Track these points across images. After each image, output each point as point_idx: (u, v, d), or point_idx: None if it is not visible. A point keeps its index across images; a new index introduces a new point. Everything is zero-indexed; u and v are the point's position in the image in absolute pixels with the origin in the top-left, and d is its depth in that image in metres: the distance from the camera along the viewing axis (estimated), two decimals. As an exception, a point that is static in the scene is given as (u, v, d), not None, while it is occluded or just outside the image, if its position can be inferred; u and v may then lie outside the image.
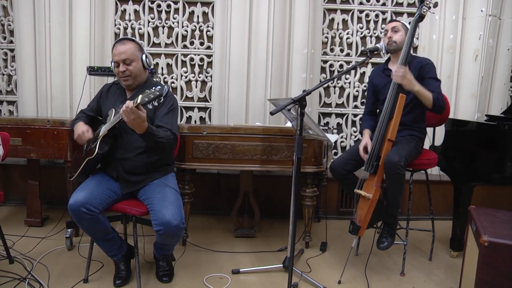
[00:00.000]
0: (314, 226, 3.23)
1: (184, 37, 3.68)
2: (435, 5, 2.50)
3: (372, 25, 3.74)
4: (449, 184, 2.93)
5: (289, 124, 2.87)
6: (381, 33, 3.70)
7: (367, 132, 2.64)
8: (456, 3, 3.61)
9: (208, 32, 3.66)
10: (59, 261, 2.53)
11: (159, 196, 2.12)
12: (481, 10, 3.55)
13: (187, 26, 3.66)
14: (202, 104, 3.74)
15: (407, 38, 2.47)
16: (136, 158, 2.20)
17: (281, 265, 2.51)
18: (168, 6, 3.63)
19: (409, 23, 2.54)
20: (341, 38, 3.75)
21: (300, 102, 1.98)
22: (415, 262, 2.76)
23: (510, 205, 3.56)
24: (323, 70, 3.77)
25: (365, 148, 2.50)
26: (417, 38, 3.74)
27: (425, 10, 2.46)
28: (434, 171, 3.41)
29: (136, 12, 3.65)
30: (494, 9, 3.56)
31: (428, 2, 2.46)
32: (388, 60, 2.72)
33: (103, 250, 2.25)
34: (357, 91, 3.78)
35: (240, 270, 2.48)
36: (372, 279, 2.44)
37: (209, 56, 3.68)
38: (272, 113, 1.97)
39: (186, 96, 3.72)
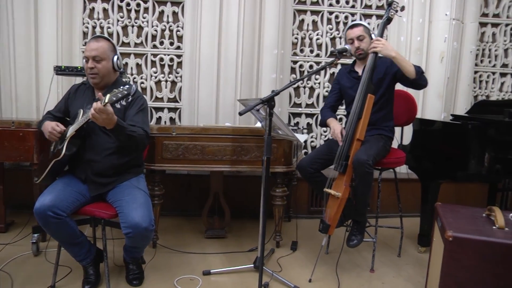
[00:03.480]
0: (285, 226, 3.25)
1: (153, 37, 3.63)
2: (402, 8, 2.57)
3: (341, 26, 3.80)
4: (417, 182, 3.01)
5: (259, 125, 2.88)
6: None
7: (334, 120, 2.67)
8: (422, 7, 3.71)
9: (178, 32, 3.62)
10: (25, 268, 2.44)
11: (128, 198, 2.09)
12: (446, 14, 3.66)
13: (157, 26, 3.61)
14: (172, 105, 3.70)
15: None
16: (105, 160, 2.16)
17: (252, 265, 2.51)
18: (138, 5, 3.58)
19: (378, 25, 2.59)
20: (310, 39, 3.79)
21: (269, 102, 2.00)
22: (385, 258, 2.82)
23: (475, 201, 3.68)
24: (293, 70, 3.80)
25: (341, 132, 2.51)
26: (386, 39, 3.81)
27: (392, 13, 2.52)
28: (403, 170, 3.49)
29: (105, 10, 3.57)
30: (457, 13, 3.67)
31: (395, 6, 2.52)
32: (355, 61, 2.75)
33: (71, 254, 2.20)
34: (326, 91, 3.81)
35: (211, 271, 2.47)
36: (342, 277, 2.47)
37: (179, 56, 3.65)
38: (240, 114, 1.98)
39: (156, 96, 3.67)
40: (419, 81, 2.45)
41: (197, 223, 3.27)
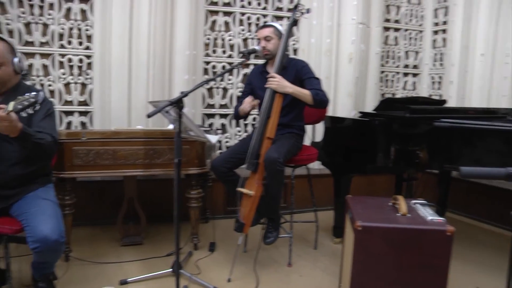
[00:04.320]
0: (202, 227, 3.24)
1: (61, 36, 3.40)
2: (308, 11, 2.66)
3: (253, 27, 3.84)
4: (330, 176, 3.12)
5: (171, 127, 2.83)
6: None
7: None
8: (331, 11, 3.88)
9: (87, 31, 3.43)
10: None
11: (34, 210, 1.93)
12: (353, 18, 3.87)
13: (64, 24, 3.38)
14: (82, 108, 3.50)
15: (282, 42, 2.58)
16: (7, 171, 1.98)
17: (171, 269, 2.46)
18: (42, 0, 3.31)
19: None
20: (223, 40, 3.79)
21: (177, 103, 1.97)
22: (301, 252, 2.91)
23: (384, 191, 3.94)
24: (206, 71, 3.77)
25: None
26: (297, 41, 3.95)
27: (298, 15, 2.62)
28: (316, 166, 3.62)
29: (1, 4, 3.22)
30: (363, 18, 3.91)
31: (301, 8, 2.62)
32: (267, 62, 2.80)
33: (-34, 280, 1.99)
34: (240, 91, 3.79)
35: (128, 280, 2.39)
36: (261, 273, 2.51)
37: (88, 56, 3.45)
38: (149, 116, 1.94)
39: (65, 100, 3.45)
40: (317, 107, 2.61)
41: (112, 231, 3.12)
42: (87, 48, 3.45)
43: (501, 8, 3.59)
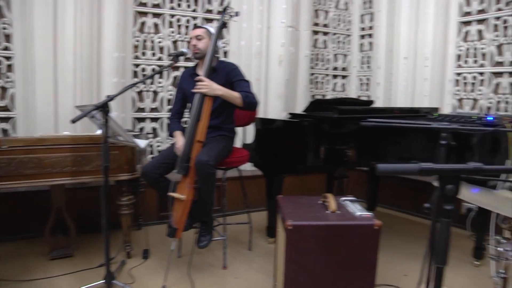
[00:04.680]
0: (136, 234, 3.17)
1: (-27, 35, 3.16)
2: (237, 14, 2.70)
3: (183, 29, 3.82)
4: (262, 177, 3.16)
5: (99, 132, 2.75)
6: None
7: (179, 133, 2.69)
8: (261, 14, 3.95)
9: (4, 30, 3.19)
10: None
11: None
12: (282, 22, 3.97)
13: (-24, 21, 3.15)
14: (3, 114, 3.27)
15: (211, 44, 2.60)
16: None
17: (103, 281, 2.38)
18: None
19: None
20: (152, 42, 3.73)
21: (104, 107, 1.92)
22: (236, 254, 2.94)
23: (318, 190, 4.04)
24: (135, 74, 3.68)
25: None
26: (228, 44, 3.97)
27: (227, 18, 2.65)
28: (248, 167, 3.65)
29: None
30: (292, 21, 4.02)
31: (230, 11, 2.65)
32: (197, 64, 2.81)
33: None
34: (170, 95, 3.80)
35: (57, 295, 2.28)
36: (196, 278, 2.51)
37: (8, 58, 3.22)
38: (73, 121, 1.88)
39: (-17, 106, 3.22)
40: (246, 109, 2.66)
41: (40, 244, 2.94)
42: (6, 48, 3.22)
43: (419, 15, 3.88)
